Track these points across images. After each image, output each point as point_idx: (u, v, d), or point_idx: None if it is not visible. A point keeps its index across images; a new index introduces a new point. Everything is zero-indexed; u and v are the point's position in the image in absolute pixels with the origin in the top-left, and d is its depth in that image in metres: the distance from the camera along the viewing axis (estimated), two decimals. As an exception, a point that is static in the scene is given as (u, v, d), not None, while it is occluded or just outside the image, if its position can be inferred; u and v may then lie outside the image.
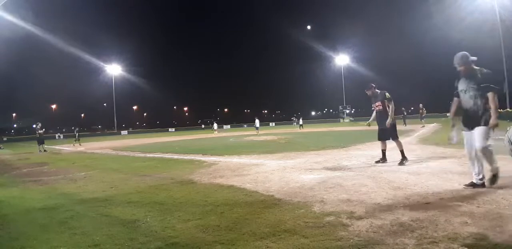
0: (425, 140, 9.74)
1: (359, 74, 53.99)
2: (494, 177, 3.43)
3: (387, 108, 5.37)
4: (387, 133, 5.42)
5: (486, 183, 3.41)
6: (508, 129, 3.47)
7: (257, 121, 23.73)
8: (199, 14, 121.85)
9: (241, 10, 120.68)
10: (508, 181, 3.62)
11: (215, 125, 30.46)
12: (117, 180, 5.42)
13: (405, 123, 19.77)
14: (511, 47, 27.80)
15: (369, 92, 5.65)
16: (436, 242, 2.06)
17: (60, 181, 5.74)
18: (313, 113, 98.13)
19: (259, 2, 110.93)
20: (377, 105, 5.54)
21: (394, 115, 5.38)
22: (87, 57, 50.82)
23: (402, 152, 5.31)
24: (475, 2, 29.94)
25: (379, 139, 5.63)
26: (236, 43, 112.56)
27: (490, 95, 3.37)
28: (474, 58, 3.58)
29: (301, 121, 30.23)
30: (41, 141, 15.43)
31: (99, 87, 61.12)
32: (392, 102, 5.37)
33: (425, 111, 20.19)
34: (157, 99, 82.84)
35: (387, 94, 5.41)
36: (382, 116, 5.45)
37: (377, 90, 5.58)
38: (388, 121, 5.25)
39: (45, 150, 15.04)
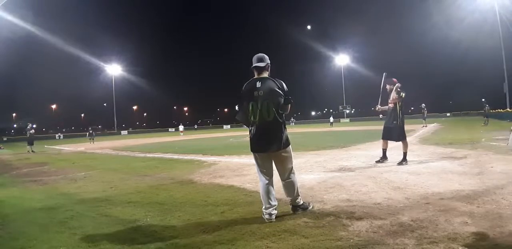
0: (425, 140, 9.74)
1: (359, 74, 54.10)
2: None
3: (397, 106, 5.23)
4: (394, 133, 5.30)
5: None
6: None
7: None
8: (200, 14, 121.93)
9: (241, 10, 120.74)
10: (508, 181, 3.63)
11: (181, 127, 32.88)
12: (117, 180, 5.42)
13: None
14: (511, 47, 27.81)
15: (390, 87, 5.39)
16: (436, 242, 2.06)
17: (60, 181, 5.73)
18: (313, 113, 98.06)
19: (260, 2, 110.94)
20: (390, 102, 5.35)
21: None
22: (87, 57, 51.04)
23: (405, 154, 5.26)
24: (475, 2, 29.96)
25: (383, 138, 5.51)
26: (236, 43, 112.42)
27: None
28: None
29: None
30: (30, 142, 15.36)
31: (99, 87, 61.39)
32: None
33: (426, 111, 20.20)
34: (157, 99, 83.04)
35: (402, 94, 5.23)
36: (391, 114, 5.33)
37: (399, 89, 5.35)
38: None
39: (33, 151, 14.95)
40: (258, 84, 2.84)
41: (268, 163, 2.91)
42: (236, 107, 3.02)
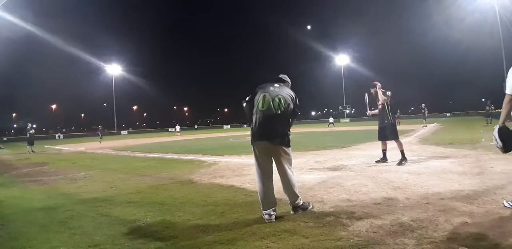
0: (425, 140, 9.74)
1: (359, 74, 54.15)
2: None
3: (385, 106, 5.39)
4: (388, 132, 5.38)
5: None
6: (494, 127, 3.03)
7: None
8: (200, 14, 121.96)
9: (241, 10, 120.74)
10: (508, 181, 3.63)
11: (178, 127, 33.47)
12: (117, 180, 5.42)
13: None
14: (511, 47, 27.80)
15: (374, 90, 5.58)
16: (436, 242, 2.06)
17: (60, 181, 5.73)
18: (313, 113, 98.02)
19: (260, 2, 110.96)
20: (379, 104, 5.50)
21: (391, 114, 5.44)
22: (87, 57, 51.11)
23: (402, 152, 5.30)
24: (475, 2, 29.97)
25: (379, 139, 5.61)
26: (236, 43, 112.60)
27: None
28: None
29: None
30: (30, 142, 15.38)
31: (99, 87, 61.45)
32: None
33: (427, 111, 20.23)
34: (157, 99, 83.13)
35: (388, 92, 5.44)
36: (381, 114, 5.46)
37: (382, 89, 5.52)
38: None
39: (33, 151, 14.98)
40: (277, 85, 3.07)
41: (268, 163, 2.92)
42: (247, 98, 3.05)
